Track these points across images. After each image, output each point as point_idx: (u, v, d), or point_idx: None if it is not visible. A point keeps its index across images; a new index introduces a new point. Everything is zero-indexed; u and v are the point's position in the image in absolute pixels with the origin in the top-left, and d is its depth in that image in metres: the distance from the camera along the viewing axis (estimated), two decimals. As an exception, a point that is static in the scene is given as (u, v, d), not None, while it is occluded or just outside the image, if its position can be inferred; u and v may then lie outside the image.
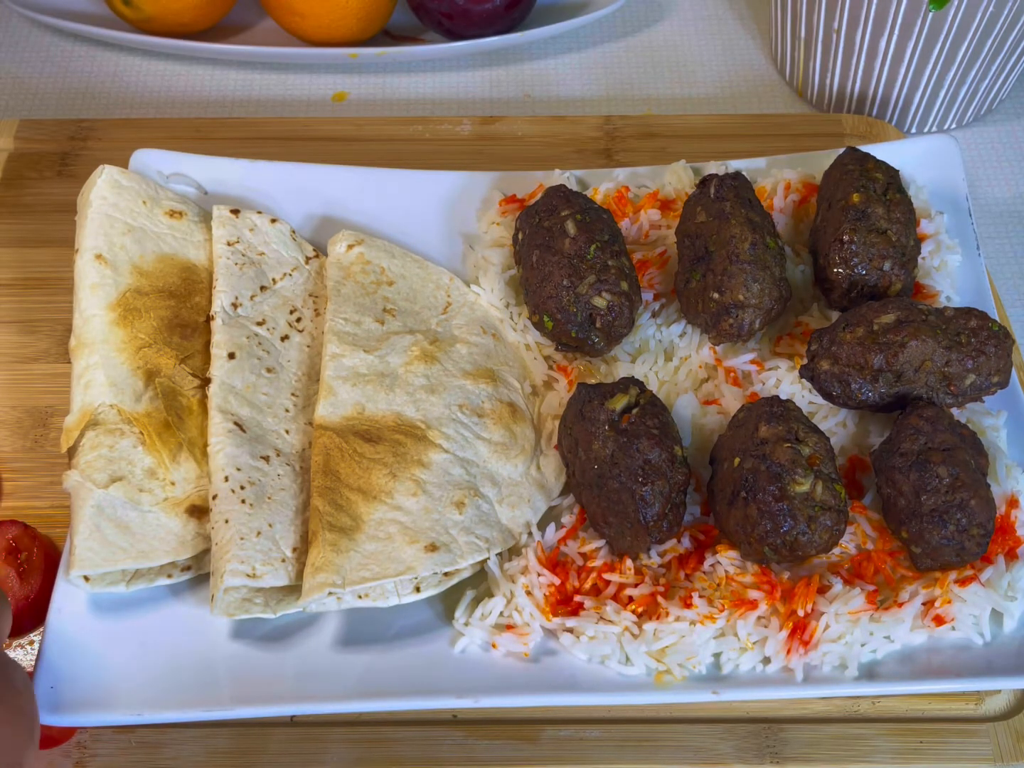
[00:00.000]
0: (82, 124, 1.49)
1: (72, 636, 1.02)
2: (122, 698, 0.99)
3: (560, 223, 1.18)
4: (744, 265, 1.14)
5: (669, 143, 1.48)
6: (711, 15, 1.75)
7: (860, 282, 1.18)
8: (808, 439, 1.05)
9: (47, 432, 1.23)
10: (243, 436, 1.10)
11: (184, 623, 1.05)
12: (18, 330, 1.30)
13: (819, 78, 1.57)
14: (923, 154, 1.34)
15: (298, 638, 1.05)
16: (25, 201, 1.41)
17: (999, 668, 1.02)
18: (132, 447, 1.10)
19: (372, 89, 1.64)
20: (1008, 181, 1.55)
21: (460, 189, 1.35)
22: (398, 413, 1.14)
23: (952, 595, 1.03)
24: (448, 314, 1.26)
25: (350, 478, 1.08)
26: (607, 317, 1.15)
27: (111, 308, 1.16)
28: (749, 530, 1.02)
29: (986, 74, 1.50)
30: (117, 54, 1.67)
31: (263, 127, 1.50)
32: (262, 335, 1.19)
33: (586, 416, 1.08)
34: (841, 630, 1.02)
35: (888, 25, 1.42)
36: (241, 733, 1.05)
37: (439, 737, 1.05)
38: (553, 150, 1.47)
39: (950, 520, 1.02)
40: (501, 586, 1.07)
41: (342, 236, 1.27)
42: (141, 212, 1.24)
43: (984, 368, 1.11)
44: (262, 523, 1.05)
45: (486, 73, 1.66)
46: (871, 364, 1.10)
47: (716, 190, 1.19)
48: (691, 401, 1.17)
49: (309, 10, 1.56)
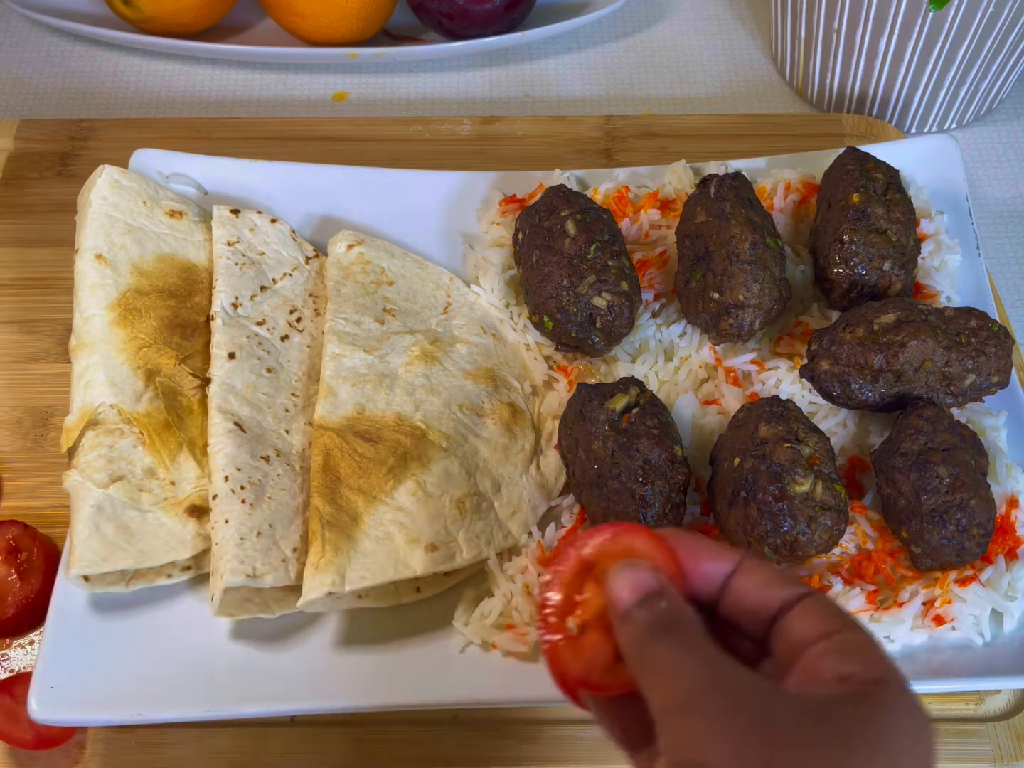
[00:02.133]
0: (82, 124, 1.49)
1: (72, 636, 1.02)
2: (122, 698, 0.99)
3: (560, 223, 1.18)
4: (744, 265, 1.14)
5: (669, 143, 1.48)
6: (711, 15, 1.75)
7: (860, 282, 1.18)
8: (808, 439, 1.05)
9: (47, 432, 1.23)
10: (243, 436, 1.10)
11: (184, 623, 1.05)
12: (18, 330, 1.30)
13: (819, 78, 1.57)
14: (923, 154, 1.34)
15: (298, 638, 1.05)
16: (25, 201, 1.41)
17: (999, 668, 1.02)
18: (132, 447, 1.10)
19: (372, 89, 1.64)
20: (1008, 181, 1.55)
21: (460, 189, 1.35)
22: (398, 413, 1.14)
23: (952, 595, 1.03)
24: (448, 314, 1.26)
25: (350, 478, 1.08)
26: (607, 317, 1.15)
27: (111, 308, 1.16)
28: (749, 530, 1.02)
29: (986, 74, 1.50)
30: (117, 54, 1.67)
31: (263, 127, 1.50)
32: (262, 335, 1.19)
33: (586, 416, 1.08)
34: (841, 630, 1.02)
35: (888, 25, 1.42)
36: (241, 733, 1.05)
37: (439, 737, 1.05)
38: (553, 150, 1.47)
39: (950, 520, 1.02)
40: (501, 586, 1.07)
41: (342, 236, 1.27)
42: (141, 212, 1.24)
43: (984, 368, 1.11)
44: (262, 523, 1.05)
45: (486, 73, 1.66)
46: (871, 364, 1.10)
47: (716, 190, 1.19)
48: (691, 401, 1.17)
49: (309, 10, 1.56)
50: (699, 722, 0.62)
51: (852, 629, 0.67)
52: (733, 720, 0.62)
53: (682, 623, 0.68)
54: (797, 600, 0.70)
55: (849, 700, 0.64)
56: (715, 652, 0.66)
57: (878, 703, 0.64)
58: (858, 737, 0.62)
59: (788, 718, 0.62)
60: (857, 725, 0.63)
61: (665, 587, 0.71)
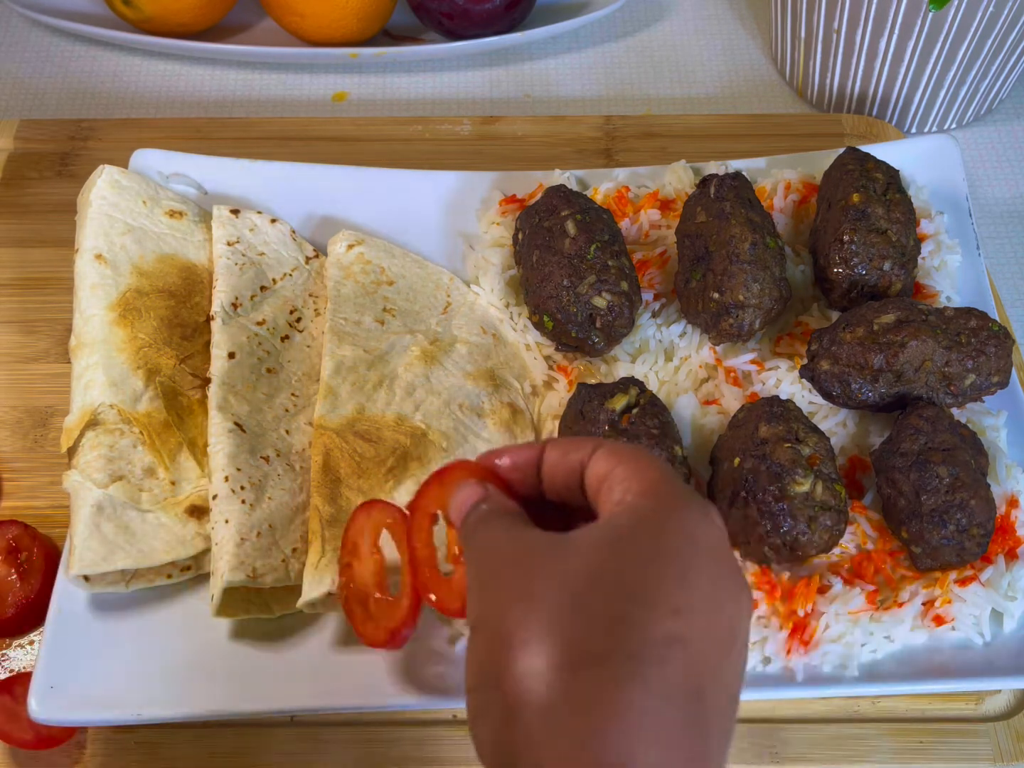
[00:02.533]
0: (82, 124, 1.49)
1: (72, 636, 1.02)
2: (122, 698, 0.99)
3: (560, 223, 1.18)
4: (744, 265, 1.14)
5: (669, 143, 1.48)
6: (711, 15, 1.75)
7: (860, 282, 1.18)
8: (808, 439, 1.05)
9: (47, 432, 1.23)
10: (243, 436, 1.10)
11: (184, 623, 1.05)
12: (18, 330, 1.30)
13: (819, 78, 1.57)
14: (923, 154, 1.34)
15: (298, 638, 1.05)
16: (25, 201, 1.41)
17: (999, 668, 1.02)
18: (132, 447, 1.10)
19: (372, 89, 1.64)
20: (1008, 181, 1.55)
21: (460, 189, 1.35)
22: (398, 413, 1.14)
23: (952, 595, 1.03)
24: (448, 314, 1.26)
25: (350, 478, 1.08)
26: (607, 317, 1.15)
27: (111, 308, 1.16)
28: (749, 530, 1.02)
29: (986, 74, 1.50)
30: (117, 54, 1.67)
31: (263, 127, 1.50)
32: (262, 335, 1.19)
33: (586, 416, 1.08)
34: (841, 630, 1.02)
35: (888, 25, 1.42)
36: (241, 733, 1.05)
37: (439, 737, 1.05)
38: (553, 150, 1.47)
39: (950, 520, 1.02)
40: (501, 586, 1.06)
41: (342, 236, 1.27)
42: (141, 212, 1.24)
43: (984, 368, 1.11)
44: (262, 523, 1.05)
45: (486, 73, 1.66)
46: (871, 364, 1.10)
47: (716, 190, 1.19)
48: (691, 401, 1.17)
49: (309, 10, 1.56)
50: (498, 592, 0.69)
51: (627, 463, 0.73)
52: (526, 581, 0.67)
53: (496, 514, 0.76)
54: (590, 457, 0.75)
55: (626, 513, 0.70)
56: (520, 530, 0.74)
57: (644, 509, 0.69)
58: (629, 540, 0.67)
59: (574, 556, 0.67)
60: (628, 532, 0.68)
61: (488, 493, 0.79)
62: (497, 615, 0.67)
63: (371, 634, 0.96)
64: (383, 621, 0.95)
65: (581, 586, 0.65)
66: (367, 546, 0.97)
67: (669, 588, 0.65)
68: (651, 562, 0.66)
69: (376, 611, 0.96)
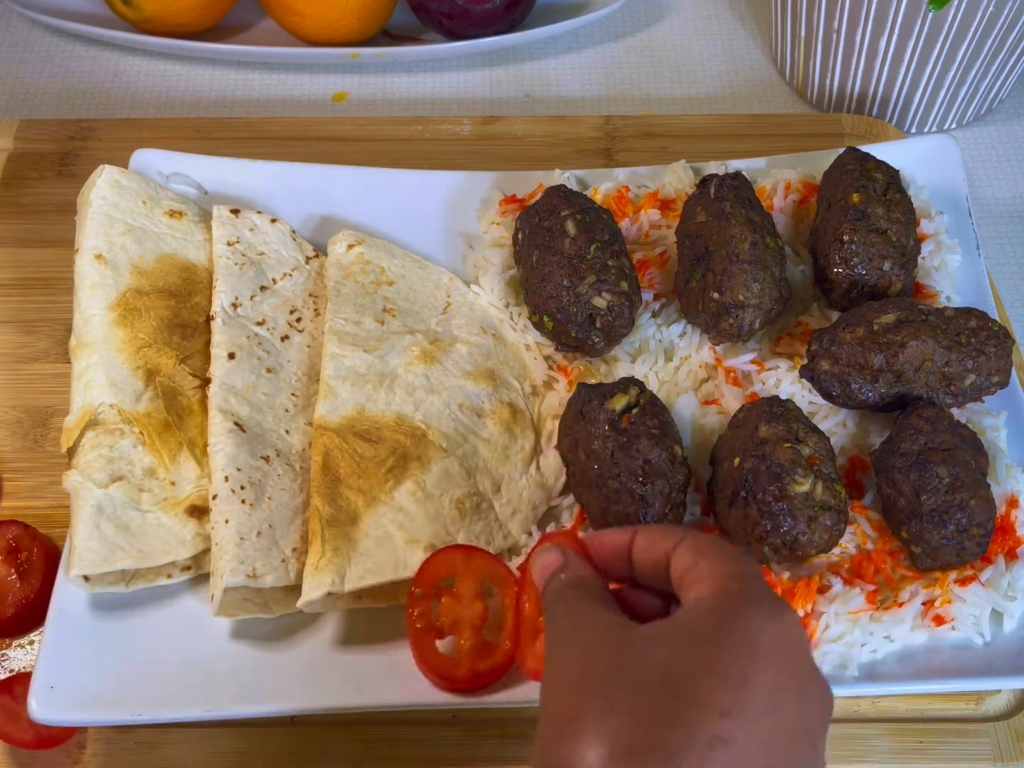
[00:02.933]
0: (82, 124, 1.49)
1: (72, 636, 1.02)
2: (122, 698, 0.99)
3: (560, 223, 1.18)
4: (744, 265, 1.14)
5: (669, 143, 1.48)
6: (711, 15, 1.75)
7: (860, 282, 1.18)
8: (808, 439, 1.05)
9: (47, 432, 1.23)
10: (243, 436, 1.10)
11: (184, 623, 1.05)
12: (18, 330, 1.30)
13: (819, 78, 1.57)
14: (923, 154, 1.34)
15: (298, 638, 1.05)
16: (25, 201, 1.41)
17: (999, 668, 1.02)
18: (132, 447, 1.10)
19: (372, 89, 1.64)
20: (1008, 181, 1.55)
21: (460, 189, 1.35)
22: (398, 413, 1.14)
23: (952, 595, 1.03)
24: (448, 314, 1.26)
25: (350, 478, 1.08)
26: (607, 317, 1.15)
27: (111, 308, 1.16)
28: (749, 530, 1.02)
29: (986, 74, 1.50)
30: (117, 54, 1.67)
31: (263, 127, 1.50)
32: (262, 335, 1.19)
33: (586, 416, 1.08)
34: (841, 630, 1.02)
35: (888, 25, 1.42)
36: (241, 733, 1.05)
37: (439, 737, 1.05)
38: (553, 150, 1.47)
39: (950, 520, 1.02)
40: (501, 586, 1.07)
41: (342, 236, 1.27)
42: (141, 212, 1.24)
43: (984, 368, 1.11)
44: (262, 523, 1.05)
45: (486, 73, 1.66)
46: (871, 364, 1.10)
47: (716, 190, 1.19)
48: (691, 401, 1.17)
49: (309, 10, 1.56)
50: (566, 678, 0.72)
51: (707, 557, 0.75)
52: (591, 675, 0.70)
53: (574, 586, 0.80)
54: (675, 547, 0.78)
55: (695, 611, 0.72)
56: (594, 611, 0.77)
57: (712, 610, 0.71)
58: (691, 640, 0.69)
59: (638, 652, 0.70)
60: (709, 632, 0.70)
61: (568, 560, 0.82)
62: (564, 703, 0.71)
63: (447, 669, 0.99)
64: (466, 660, 0.99)
65: (639, 682, 0.68)
66: (470, 590, 1.01)
67: (722, 690, 0.66)
68: (708, 663, 0.67)
69: (461, 650, 0.99)
